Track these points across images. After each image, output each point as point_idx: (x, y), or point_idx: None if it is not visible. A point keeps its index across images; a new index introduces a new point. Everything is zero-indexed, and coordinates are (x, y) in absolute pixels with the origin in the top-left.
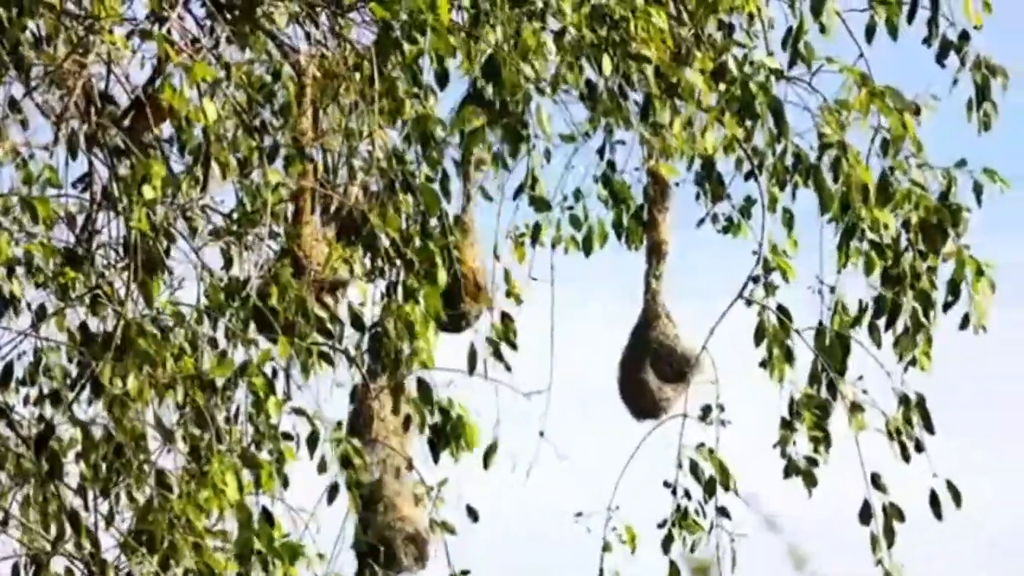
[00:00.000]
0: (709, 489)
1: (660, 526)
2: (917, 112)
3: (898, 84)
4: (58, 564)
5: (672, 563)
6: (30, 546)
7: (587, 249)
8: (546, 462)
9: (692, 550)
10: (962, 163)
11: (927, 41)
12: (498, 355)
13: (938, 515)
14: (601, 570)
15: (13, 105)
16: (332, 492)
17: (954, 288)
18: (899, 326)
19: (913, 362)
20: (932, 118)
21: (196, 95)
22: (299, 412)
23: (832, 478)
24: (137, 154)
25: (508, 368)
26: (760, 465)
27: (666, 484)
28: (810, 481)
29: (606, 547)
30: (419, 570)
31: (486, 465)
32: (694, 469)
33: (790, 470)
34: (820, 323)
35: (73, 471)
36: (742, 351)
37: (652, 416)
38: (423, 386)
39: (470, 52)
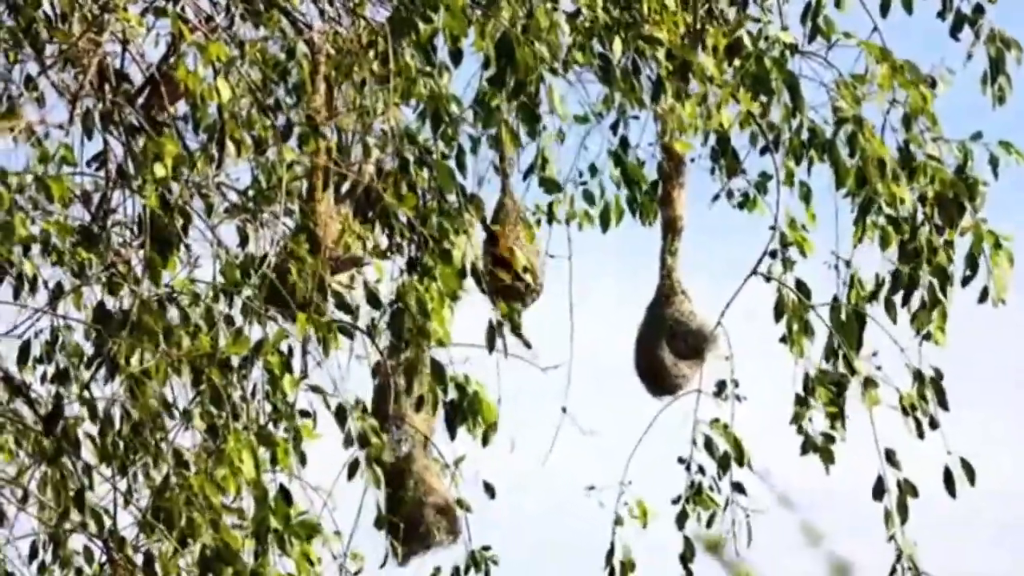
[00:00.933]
0: (723, 465)
1: (674, 502)
2: (933, 85)
3: (912, 58)
4: (78, 542)
5: (686, 539)
6: (48, 524)
7: (604, 225)
8: (564, 438)
9: (708, 526)
10: (978, 136)
11: (941, 15)
12: (516, 332)
13: (952, 492)
14: (612, 544)
15: (28, 83)
16: (353, 467)
17: (972, 262)
18: (915, 301)
19: (928, 336)
20: (947, 92)
21: (211, 74)
22: (316, 390)
23: (848, 455)
24: (150, 132)
25: (528, 345)
26: (774, 441)
27: (680, 460)
28: (828, 458)
29: (618, 521)
30: (451, 543)
31: (485, 443)
32: (708, 445)
33: (807, 447)
34: (835, 298)
35: (91, 449)
36: (755, 327)
37: (668, 392)
38: (436, 366)
39: (483, 30)
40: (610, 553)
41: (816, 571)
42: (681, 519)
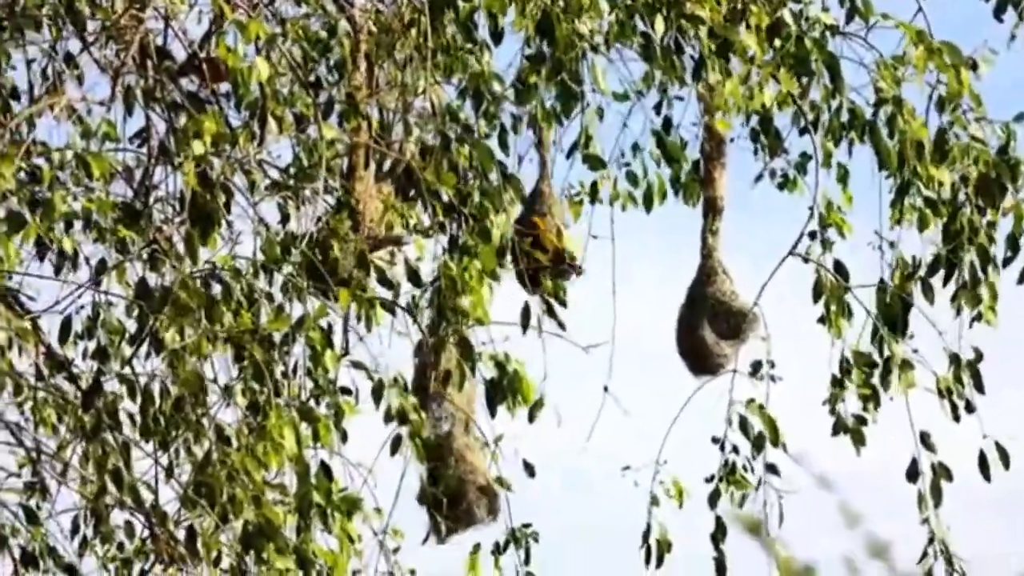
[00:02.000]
0: (758, 445)
1: (707, 481)
2: (974, 67)
3: (956, 39)
4: (120, 518)
5: (718, 518)
6: (90, 499)
7: (647, 205)
8: (604, 417)
9: (740, 506)
10: (1021, 117)
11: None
12: (551, 312)
13: (986, 476)
14: (648, 524)
15: (69, 60)
16: (396, 443)
17: (1013, 243)
18: (956, 282)
19: (979, 317)
20: (990, 72)
21: (252, 51)
22: (357, 366)
23: (886, 436)
24: (190, 109)
25: (562, 327)
26: (811, 422)
27: (714, 440)
28: (859, 439)
29: (654, 501)
30: (491, 522)
31: (531, 419)
32: (743, 425)
33: (838, 428)
34: (881, 280)
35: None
36: (790, 308)
37: (710, 372)
38: (464, 342)
39: (524, 8)
40: (647, 532)
41: (853, 551)
42: (714, 498)
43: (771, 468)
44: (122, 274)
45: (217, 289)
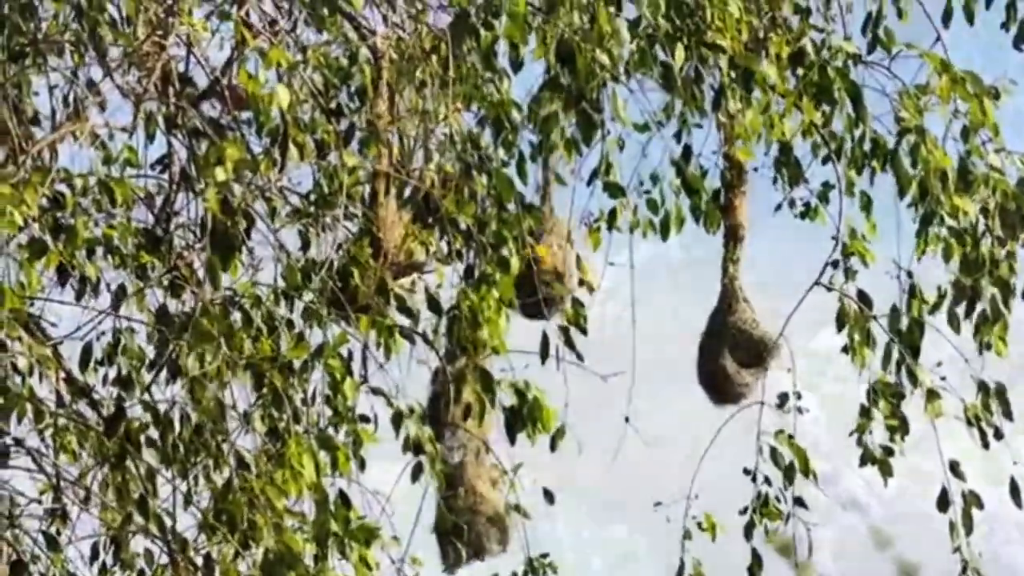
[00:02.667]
0: (788, 476)
1: (742, 513)
2: (996, 97)
3: (975, 68)
4: (140, 544)
5: (754, 550)
6: (110, 525)
7: (664, 233)
8: (629, 445)
9: (769, 540)
10: None
11: (1005, 26)
12: (569, 343)
13: (1018, 503)
14: (682, 560)
15: (91, 86)
16: (416, 471)
17: None
18: (978, 313)
19: (989, 347)
20: (1010, 103)
21: (274, 78)
22: (377, 392)
23: (917, 462)
24: (212, 136)
25: (580, 357)
26: (841, 447)
27: (746, 471)
28: (886, 470)
29: (686, 536)
30: (500, 552)
31: (553, 448)
32: (774, 455)
33: (866, 458)
34: (894, 306)
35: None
36: (814, 336)
37: (731, 401)
38: (484, 374)
39: (545, 37)
40: (680, 568)
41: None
42: (749, 530)
43: (799, 501)
44: (141, 300)
45: (237, 316)
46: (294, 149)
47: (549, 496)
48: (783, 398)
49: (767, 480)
